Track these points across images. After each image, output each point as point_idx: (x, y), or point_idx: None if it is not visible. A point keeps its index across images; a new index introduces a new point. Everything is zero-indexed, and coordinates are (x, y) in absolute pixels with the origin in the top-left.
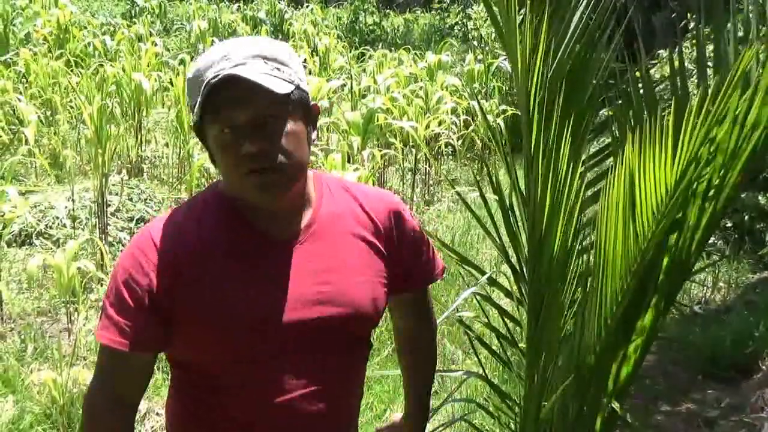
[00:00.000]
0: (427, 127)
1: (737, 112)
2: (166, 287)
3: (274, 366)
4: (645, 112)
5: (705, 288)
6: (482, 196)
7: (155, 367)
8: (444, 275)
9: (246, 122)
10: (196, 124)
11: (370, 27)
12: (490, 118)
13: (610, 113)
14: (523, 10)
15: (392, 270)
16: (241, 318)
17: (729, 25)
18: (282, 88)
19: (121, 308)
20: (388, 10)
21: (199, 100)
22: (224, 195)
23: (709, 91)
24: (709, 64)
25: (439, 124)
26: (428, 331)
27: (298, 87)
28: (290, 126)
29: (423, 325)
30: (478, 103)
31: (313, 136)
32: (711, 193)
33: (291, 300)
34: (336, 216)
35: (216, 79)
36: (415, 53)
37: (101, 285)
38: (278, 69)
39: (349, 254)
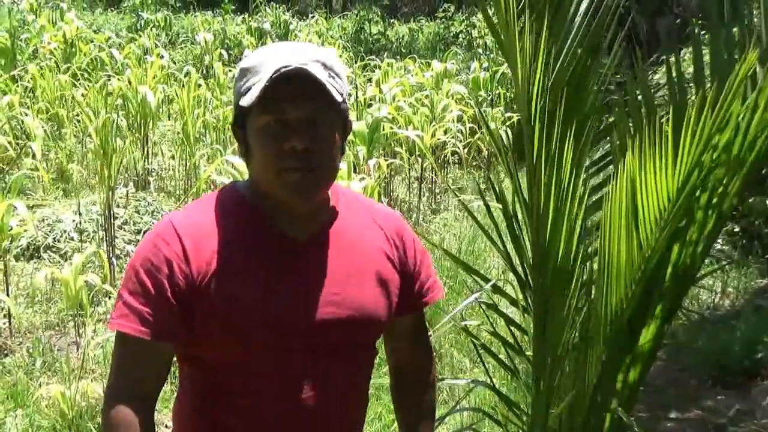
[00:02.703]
0: (433, 135)
1: (740, 118)
2: (186, 276)
3: (284, 365)
4: (644, 119)
5: (713, 293)
6: (485, 204)
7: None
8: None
9: (299, 118)
10: (239, 112)
11: (375, 36)
12: (495, 125)
13: (611, 120)
14: (522, 18)
15: (401, 284)
16: (256, 314)
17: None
18: (337, 95)
19: (142, 296)
20: (392, 20)
21: (260, 86)
22: (243, 195)
23: (708, 98)
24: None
25: (445, 132)
26: (428, 363)
27: (344, 100)
28: (335, 134)
29: (421, 357)
30: (480, 111)
31: (344, 150)
32: (714, 201)
33: (306, 301)
34: (351, 224)
35: (287, 68)
36: (421, 62)
37: (109, 298)
38: (333, 78)
39: (362, 261)
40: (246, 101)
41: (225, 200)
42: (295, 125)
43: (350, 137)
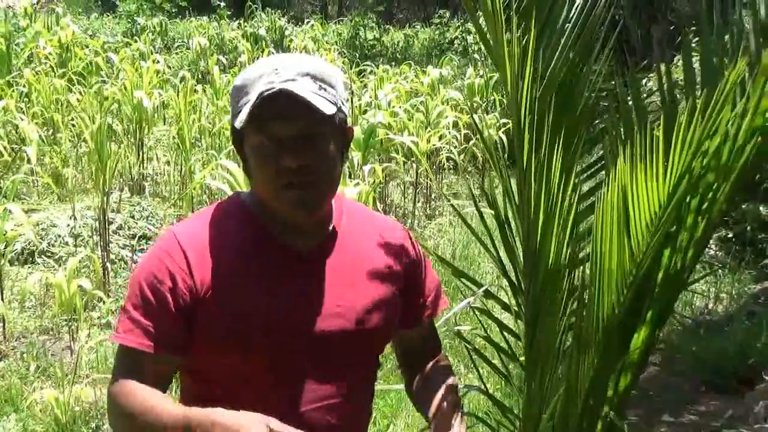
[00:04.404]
0: (428, 141)
1: (729, 125)
2: (189, 289)
3: (289, 377)
4: (635, 125)
5: (707, 299)
6: (478, 210)
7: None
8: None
9: (290, 137)
10: (236, 132)
11: (371, 42)
12: (491, 131)
13: (602, 125)
14: (511, 24)
15: (405, 296)
16: (259, 323)
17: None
18: (328, 108)
19: (146, 310)
20: (388, 26)
21: (247, 108)
22: (246, 206)
23: (698, 104)
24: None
25: (440, 138)
26: (445, 374)
27: (340, 109)
28: (330, 146)
29: (436, 369)
30: (473, 118)
31: (346, 157)
32: (705, 206)
33: (310, 312)
34: (355, 236)
35: (269, 91)
36: (416, 68)
37: (102, 303)
38: (324, 89)
39: (366, 273)
40: (238, 123)
41: (228, 211)
42: (288, 143)
43: None
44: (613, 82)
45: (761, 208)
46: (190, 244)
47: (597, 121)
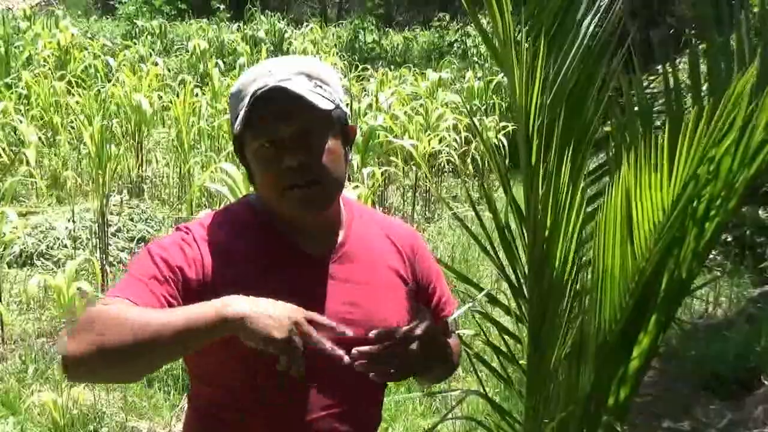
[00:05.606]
0: (428, 144)
1: (741, 125)
2: (198, 279)
3: (296, 383)
4: (640, 130)
5: (706, 303)
6: (476, 214)
7: (156, 387)
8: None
9: (288, 136)
10: (236, 139)
11: (370, 45)
12: (491, 134)
13: (607, 130)
14: (519, 30)
15: (416, 298)
16: None
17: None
18: (324, 104)
19: (153, 275)
20: (387, 29)
21: (243, 112)
22: (255, 209)
23: (705, 110)
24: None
25: (440, 141)
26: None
27: (338, 106)
28: (330, 143)
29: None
30: (472, 121)
31: (349, 157)
32: (712, 213)
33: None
34: (366, 240)
35: (261, 90)
36: (416, 71)
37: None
38: (321, 87)
39: (377, 277)
40: (236, 128)
41: (239, 214)
42: (287, 143)
43: None
44: (619, 86)
45: (760, 212)
46: (204, 244)
47: (603, 126)
